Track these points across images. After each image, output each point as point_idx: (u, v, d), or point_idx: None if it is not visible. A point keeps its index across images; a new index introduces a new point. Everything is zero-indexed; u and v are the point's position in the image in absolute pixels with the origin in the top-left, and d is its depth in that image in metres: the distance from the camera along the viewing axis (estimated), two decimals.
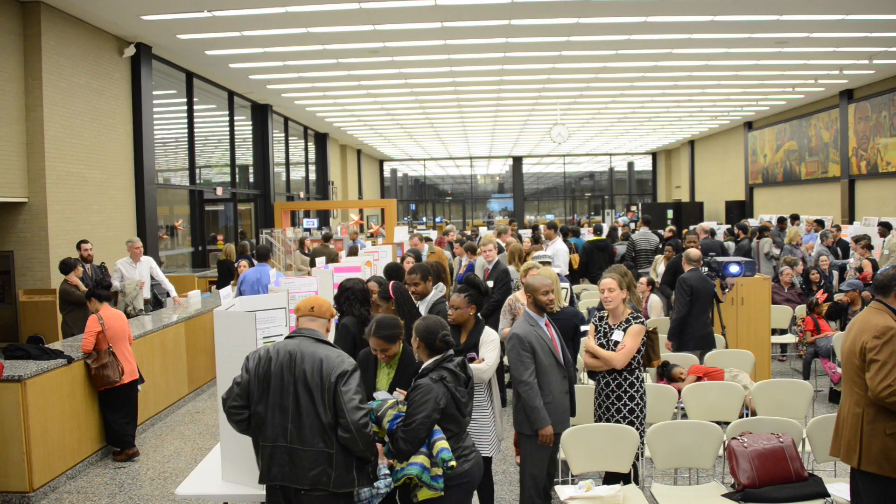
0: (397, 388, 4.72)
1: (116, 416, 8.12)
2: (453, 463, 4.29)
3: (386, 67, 16.82)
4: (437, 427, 4.33)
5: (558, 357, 5.58)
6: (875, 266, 11.95)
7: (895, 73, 19.46)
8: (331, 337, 4.71)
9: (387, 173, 45.17)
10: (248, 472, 4.55)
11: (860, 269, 12.39)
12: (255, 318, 4.73)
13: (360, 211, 31.26)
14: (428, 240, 14.05)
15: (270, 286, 9.11)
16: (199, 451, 8.35)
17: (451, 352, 4.64)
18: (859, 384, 4.57)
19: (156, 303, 11.89)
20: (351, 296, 6.11)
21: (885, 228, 15.14)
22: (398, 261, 9.99)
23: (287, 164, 26.06)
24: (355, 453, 4.06)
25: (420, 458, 4.24)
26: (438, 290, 6.95)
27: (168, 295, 12.01)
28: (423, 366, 4.52)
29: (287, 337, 4.29)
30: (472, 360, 5.33)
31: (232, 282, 12.97)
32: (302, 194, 27.47)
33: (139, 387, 8.46)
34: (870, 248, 12.69)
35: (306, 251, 16.17)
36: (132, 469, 7.90)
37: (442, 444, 4.30)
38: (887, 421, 4.41)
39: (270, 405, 4.05)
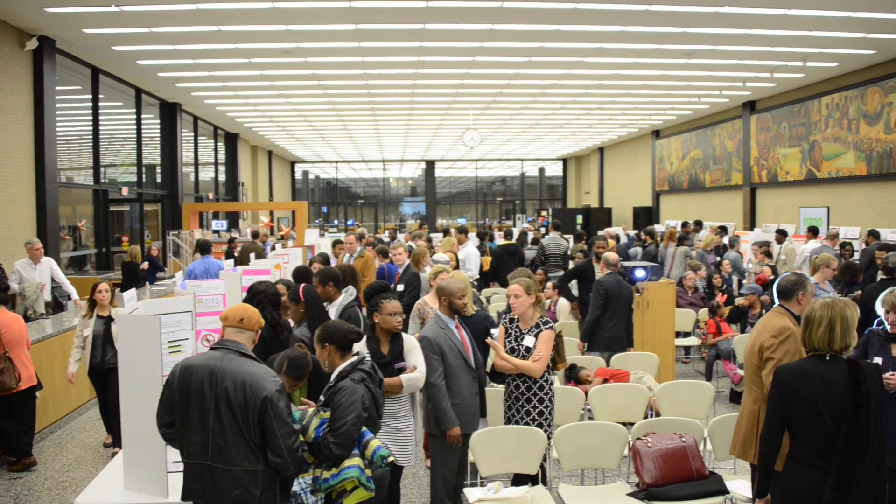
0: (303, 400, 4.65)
1: (12, 423, 7.76)
2: (392, 458, 4.30)
3: (299, 68, 16.67)
4: (364, 428, 4.31)
5: (468, 359, 5.63)
6: (774, 271, 12.36)
7: (795, 86, 20.22)
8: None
9: (298, 175, 44.71)
10: (151, 481, 4.44)
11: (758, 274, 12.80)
12: (160, 322, 4.61)
13: (271, 213, 30.89)
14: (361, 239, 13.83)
15: (188, 283, 8.84)
16: (100, 460, 8.10)
17: (364, 355, 4.61)
18: (758, 383, 4.76)
19: (56, 306, 11.52)
20: (263, 299, 6.03)
21: (781, 235, 15.68)
22: (307, 264, 9.90)
23: (196, 164, 25.56)
24: (283, 475, 3.99)
25: (355, 461, 4.20)
26: (349, 295, 6.87)
27: (69, 298, 11.63)
28: (339, 369, 4.45)
29: (211, 348, 4.15)
30: (402, 369, 5.28)
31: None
32: (211, 195, 26.99)
33: (37, 393, 8.12)
34: (769, 254, 13.12)
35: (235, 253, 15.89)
36: (29, 479, 7.60)
37: (375, 442, 4.28)
38: None
39: (191, 422, 3.92)
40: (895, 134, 16.74)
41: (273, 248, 15.52)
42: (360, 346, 5.11)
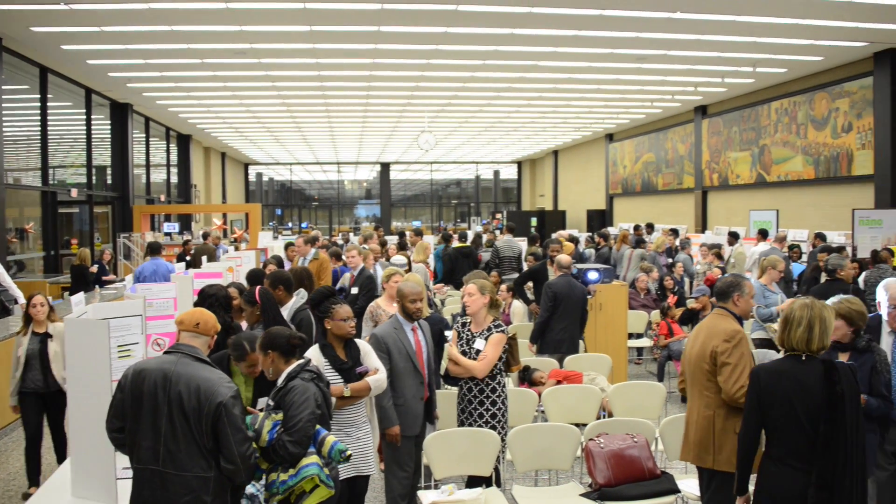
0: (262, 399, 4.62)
1: None
2: (349, 452, 4.28)
3: (252, 69, 16.54)
4: (317, 426, 4.28)
5: (416, 363, 5.64)
6: (724, 273, 12.53)
7: (745, 91, 20.55)
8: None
9: (252, 177, 44.36)
10: (99, 487, 4.38)
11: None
12: (109, 326, 4.55)
13: (224, 215, 30.60)
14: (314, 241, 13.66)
15: (139, 287, 8.70)
16: (47, 467, 7.92)
17: (308, 358, 4.60)
18: (709, 388, 4.79)
19: (2, 310, 11.29)
20: (214, 302, 5.96)
21: (733, 238, 15.92)
22: (261, 266, 9.82)
23: (147, 165, 25.22)
24: (235, 482, 3.96)
25: (313, 458, 4.17)
26: (300, 298, 6.83)
27: (16, 302, 11.39)
28: (287, 372, 4.40)
29: (165, 352, 4.09)
30: (365, 373, 5.24)
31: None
32: (163, 197, 26.66)
33: None
34: (720, 256, 13.29)
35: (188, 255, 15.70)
36: None
37: (331, 438, 4.27)
38: (737, 420, 4.62)
39: (143, 426, 3.85)
40: (842, 139, 17.09)
41: (226, 252, 15.37)
42: (317, 356, 5.05)
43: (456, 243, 14.87)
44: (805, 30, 13.68)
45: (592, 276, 9.53)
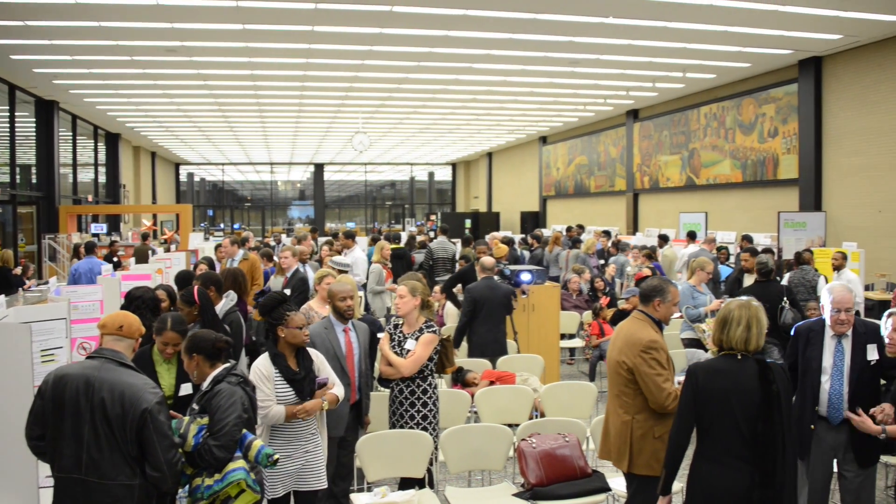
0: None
1: None
2: (277, 457, 4.22)
3: (183, 67, 16.28)
4: (244, 430, 4.21)
5: (344, 365, 5.60)
6: (654, 274, 12.71)
7: (676, 96, 20.93)
8: None
9: (183, 177, 43.64)
10: (20, 497, 4.25)
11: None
12: (31, 330, 4.42)
13: (154, 216, 30.06)
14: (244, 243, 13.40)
15: (63, 290, 8.45)
16: None
17: (234, 362, 4.51)
18: (626, 393, 4.80)
19: None
20: (141, 304, 5.84)
21: (663, 240, 16.18)
22: (191, 268, 9.67)
23: (74, 165, 24.62)
24: (161, 489, 3.87)
25: (240, 463, 4.09)
26: (230, 300, 6.73)
27: None
28: (213, 375, 4.30)
29: (88, 357, 3.96)
30: (324, 383, 5.09)
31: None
32: (90, 197, 26.06)
33: None
34: (650, 257, 13.47)
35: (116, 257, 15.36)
36: None
37: (258, 442, 4.20)
38: (656, 425, 4.70)
39: (64, 434, 3.72)
40: (768, 143, 17.52)
41: (154, 253, 15.08)
42: (267, 365, 4.89)
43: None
44: (733, 37, 14.00)
45: (525, 277, 9.58)
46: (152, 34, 13.40)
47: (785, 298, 8.64)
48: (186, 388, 4.94)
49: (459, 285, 10.62)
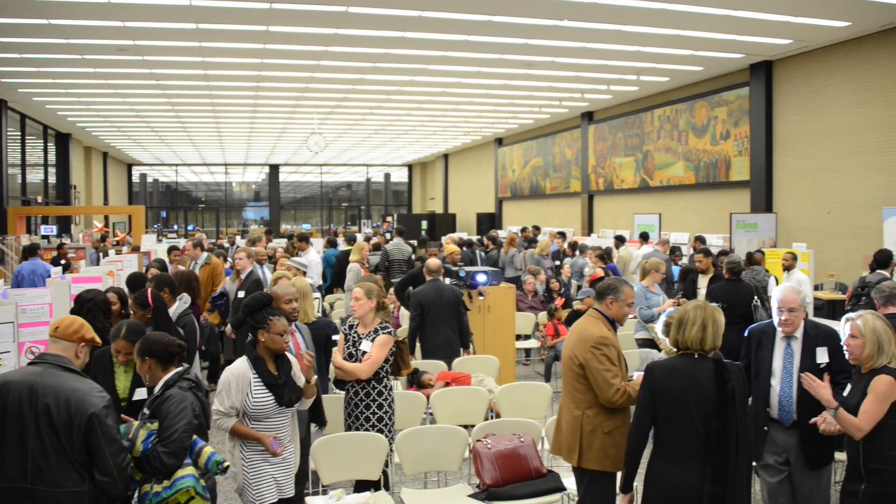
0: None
1: None
2: (227, 464, 4.17)
3: (136, 67, 16.05)
4: (194, 436, 4.16)
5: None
6: (608, 275, 12.81)
7: (630, 98, 21.13)
8: None
9: (136, 178, 43.01)
10: None
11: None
12: None
13: (106, 218, 29.62)
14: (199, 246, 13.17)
15: (10, 293, 8.28)
16: None
17: (186, 365, 4.45)
18: (578, 388, 4.86)
19: None
20: (93, 307, 5.75)
21: (619, 241, 16.33)
22: (143, 271, 9.54)
23: (23, 165, 24.13)
24: (111, 494, 3.81)
25: (189, 470, 4.05)
26: (183, 303, 6.66)
27: None
28: (164, 380, 4.26)
29: (30, 363, 3.90)
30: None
31: None
32: (40, 199, 25.58)
33: None
34: (602, 258, 13.55)
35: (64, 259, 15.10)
36: None
37: (208, 449, 4.15)
38: (605, 421, 4.76)
39: (8, 443, 3.65)
40: (720, 146, 17.76)
41: (105, 255, 14.85)
42: (245, 369, 4.66)
43: (344, 246, 14.80)
44: (686, 41, 14.17)
45: (481, 278, 9.60)
46: (103, 33, 13.20)
47: (756, 297, 8.80)
48: (141, 393, 4.87)
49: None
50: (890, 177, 13.54)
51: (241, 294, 9.24)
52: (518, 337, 11.24)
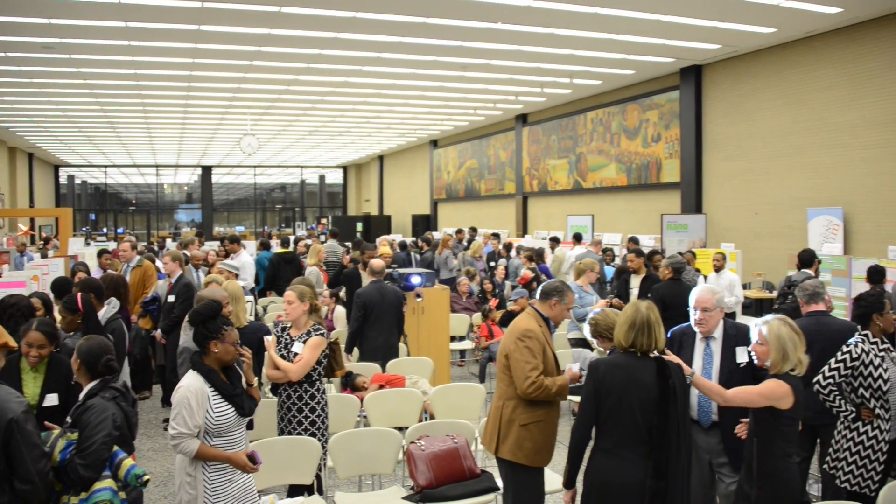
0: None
1: None
2: (147, 477, 4.05)
3: (63, 65, 15.68)
4: (116, 447, 4.05)
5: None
6: (537, 276, 12.89)
7: (563, 101, 21.35)
8: None
9: (63, 180, 42.00)
10: None
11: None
12: None
13: (31, 220, 28.87)
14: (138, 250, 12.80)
15: None
16: None
17: (117, 375, 4.33)
18: (504, 380, 5.02)
19: None
20: (15, 312, 5.60)
21: (554, 242, 16.48)
22: (69, 275, 9.32)
23: None
24: (31, 503, 3.69)
25: (106, 483, 3.94)
26: (111, 307, 6.53)
27: None
28: (90, 387, 4.15)
29: None
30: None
31: None
32: None
33: None
34: (531, 258, 13.62)
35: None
36: None
37: (128, 461, 4.04)
38: (523, 413, 4.88)
39: None
40: (651, 148, 18.05)
41: (31, 259, 14.48)
42: (199, 383, 4.35)
43: (278, 248, 14.66)
44: (618, 45, 14.37)
45: (415, 280, 9.60)
46: (28, 30, 12.85)
47: None
48: (52, 399, 4.77)
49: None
50: (814, 178, 13.92)
51: (171, 298, 9.07)
52: (452, 338, 11.27)
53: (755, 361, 4.56)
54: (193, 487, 4.33)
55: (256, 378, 5.09)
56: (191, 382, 4.34)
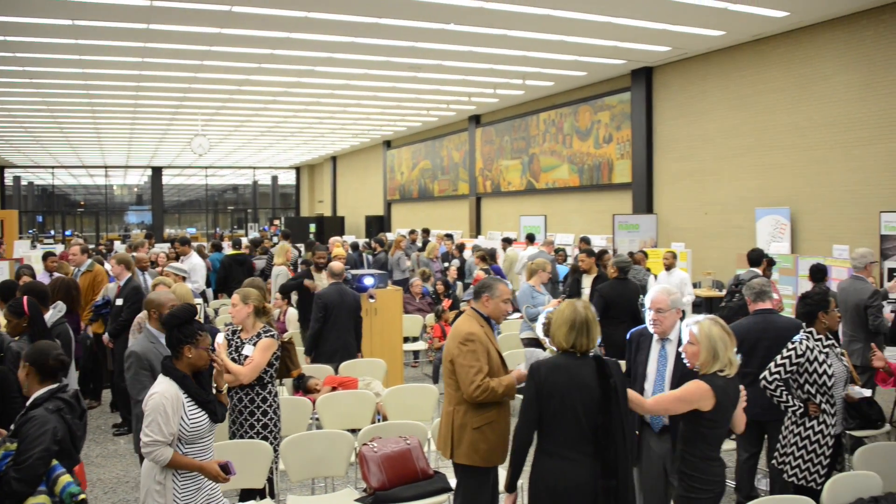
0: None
1: None
2: (83, 496, 3.93)
3: (7, 64, 15.39)
4: (55, 462, 3.93)
5: None
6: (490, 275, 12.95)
7: (516, 102, 21.46)
8: None
9: (9, 181, 41.17)
10: None
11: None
12: None
13: None
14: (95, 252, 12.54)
15: None
16: None
17: (66, 381, 4.24)
18: (451, 385, 4.97)
19: None
20: None
21: (507, 243, 16.55)
22: (14, 278, 9.13)
23: None
24: None
25: (41, 499, 3.83)
26: (57, 311, 6.41)
27: None
28: (35, 396, 4.05)
29: None
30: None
31: None
32: None
33: None
34: (484, 259, 13.67)
35: None
36: None
37: (65, 478, 3.92)
38: (474, 417, 4.85)
39: None
40: (603, 149, 18.21)
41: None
42: (174, 390, 4.24)
43: (230, 250, 14.54)
44: (570, 47, 14.49)
45: (368, 281, 9.57)
46: None
47: (641, 296, 9.02)
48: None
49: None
50: (761, 179, 14.16)
51: (119, 302, 8.92)
52: (406, 339, 11.25)
53: (686, 362, 4.58)
54: (162, 496, 4.23)
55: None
56: (166, 389, 4.23)
